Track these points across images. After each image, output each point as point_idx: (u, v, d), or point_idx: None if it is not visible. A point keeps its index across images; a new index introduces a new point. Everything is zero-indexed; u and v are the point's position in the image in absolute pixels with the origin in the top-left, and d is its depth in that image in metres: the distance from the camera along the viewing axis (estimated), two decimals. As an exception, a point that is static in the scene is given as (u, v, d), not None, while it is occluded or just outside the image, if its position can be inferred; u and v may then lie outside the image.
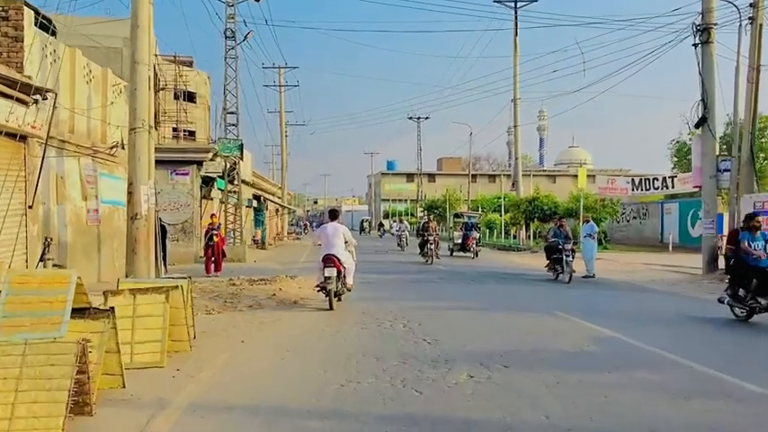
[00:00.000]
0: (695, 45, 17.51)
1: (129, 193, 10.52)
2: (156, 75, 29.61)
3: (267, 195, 43.87)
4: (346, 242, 10.78)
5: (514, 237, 39.86)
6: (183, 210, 22.55)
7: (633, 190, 31.08)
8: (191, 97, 37.29)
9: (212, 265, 17.84)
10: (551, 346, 7.49)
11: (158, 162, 23.51)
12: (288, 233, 54.34)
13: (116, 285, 7.07)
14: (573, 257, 15.64)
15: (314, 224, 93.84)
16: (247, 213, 35.64)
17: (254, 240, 35.78)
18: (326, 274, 10.19)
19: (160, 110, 31.81)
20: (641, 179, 31.47)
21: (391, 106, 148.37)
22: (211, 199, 25.52)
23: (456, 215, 32.06)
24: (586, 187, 33.50)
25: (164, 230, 17.69)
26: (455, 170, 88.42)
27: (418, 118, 69.05)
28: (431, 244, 21.91)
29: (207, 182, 23.97)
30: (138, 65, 10.41)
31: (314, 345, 7.59)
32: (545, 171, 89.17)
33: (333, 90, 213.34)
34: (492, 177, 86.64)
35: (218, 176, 24.70)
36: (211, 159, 23.45)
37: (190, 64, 38.96)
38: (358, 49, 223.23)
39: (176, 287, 6.64)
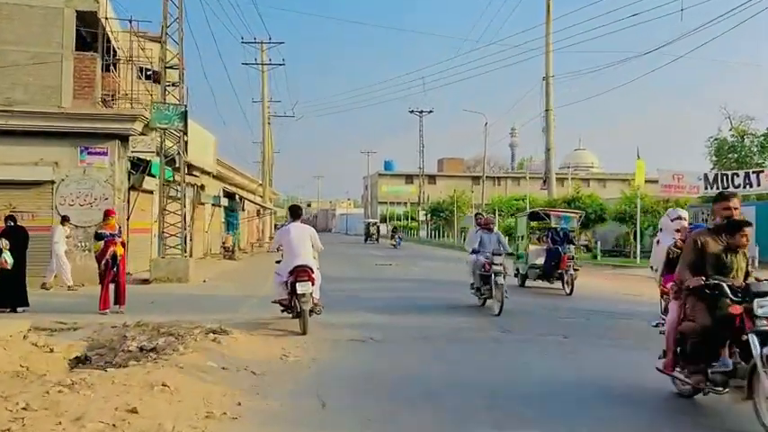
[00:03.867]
0: None
1: None
2: (108, 41, 22.99)
3: (243, 193, 36.77)
4: (312, 246, 9.27)
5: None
6: (99, 205, 15.36)
7: (706, 188, 24.22)
8: (158, 78, 30.50)
9: (111, 296, 10.75)
10: None
11: (62, 134, 16.48)
12: (270, 238, 47.04)
13: None
14: None
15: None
16: (214, 214, 28.52)
17: (223, 247, 28.65)
18: (300, 291, 8.57)
19: (119, 89, 25.25)
20: (717, 175, 24.62)
21: (392, 85, 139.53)
22: (150, 192, 18.33)
23: (533, 215, 17.36)
24: (641, 186, 26.69)
25: (24, 237, 10.63)
26: (457, 171, 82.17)
27: (420, 111, 62.12)
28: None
29: (138, 166, 16.85)
30: None
31: None
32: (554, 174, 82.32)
33: (325, 68, 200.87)
34: (496, 180, 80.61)
35: (158, 158, 17.45)
36: (142, 133, 16.26)
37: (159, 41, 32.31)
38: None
39: None
